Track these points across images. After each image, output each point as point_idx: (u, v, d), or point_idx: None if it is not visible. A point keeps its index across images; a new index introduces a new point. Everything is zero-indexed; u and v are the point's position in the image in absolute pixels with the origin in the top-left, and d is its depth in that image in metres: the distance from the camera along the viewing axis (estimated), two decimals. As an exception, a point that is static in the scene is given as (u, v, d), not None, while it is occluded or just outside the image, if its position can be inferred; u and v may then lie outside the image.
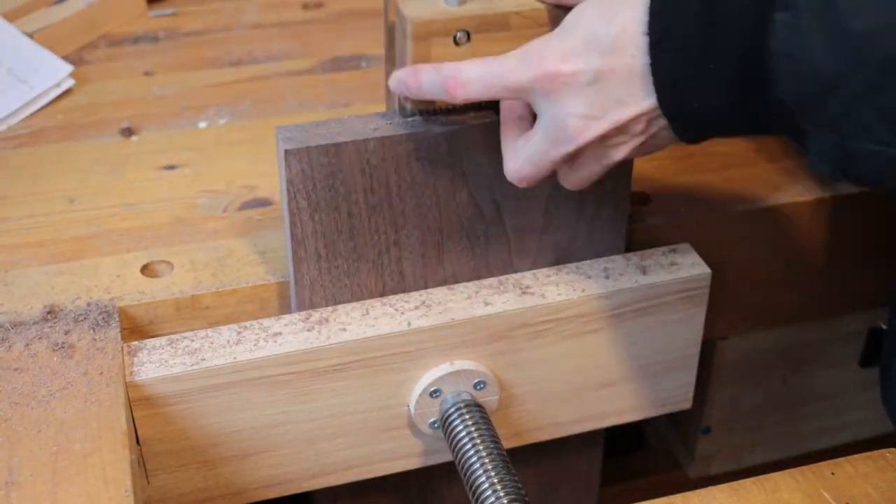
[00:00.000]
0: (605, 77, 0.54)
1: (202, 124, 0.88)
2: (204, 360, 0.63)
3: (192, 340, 0.65)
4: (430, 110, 0.64)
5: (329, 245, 0.65)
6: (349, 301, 0.68)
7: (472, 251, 0.69)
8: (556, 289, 0.69)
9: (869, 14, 0.47)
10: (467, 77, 0.57)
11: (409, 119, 0.63)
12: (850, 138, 0.50)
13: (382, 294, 0.68)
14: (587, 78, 0.54)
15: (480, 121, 0.64)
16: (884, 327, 0.89)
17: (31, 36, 0.95)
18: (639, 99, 0.54)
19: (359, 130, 0.62)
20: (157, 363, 0.63)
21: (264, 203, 0.77)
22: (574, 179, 0.61)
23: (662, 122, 0.55)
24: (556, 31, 0.56)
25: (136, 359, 0.63)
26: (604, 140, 0.56)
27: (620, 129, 0.56)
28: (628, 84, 0.54)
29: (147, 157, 0.83)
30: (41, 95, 0.90)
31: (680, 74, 0.53)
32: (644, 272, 0.71)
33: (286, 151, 0.61)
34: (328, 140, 0.62)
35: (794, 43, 0.49)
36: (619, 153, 0.57)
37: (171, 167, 0.82)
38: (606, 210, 0.70)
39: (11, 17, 0.97)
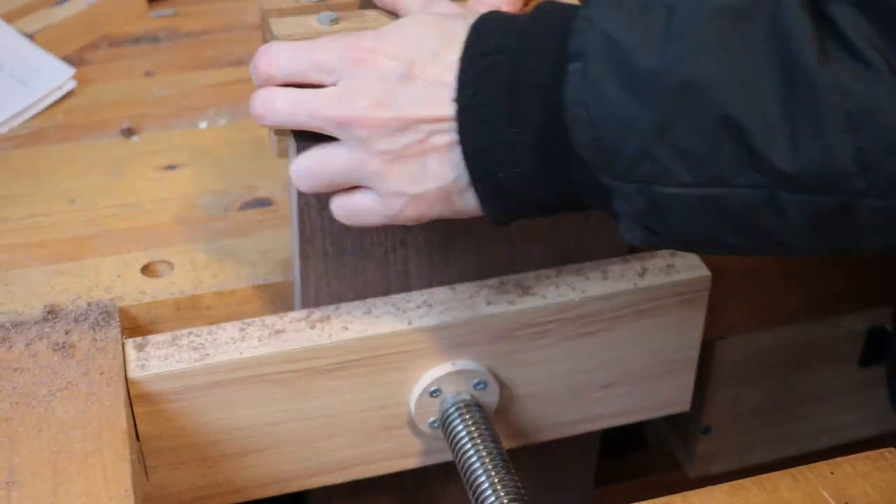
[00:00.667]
0: (412, 74, 0.54)
1: (203, 124, 0.88)
2: (207, 356, 0.63)
3: (196, 337, 0.65)
4: None
5: (336, 242, 0.65)
6: (353, 300, 0.68)
7: (478, 253, 0.69)
8: (556, 290, 0.69)
9: (653, 54, 0.48)
10: (276, 51, 0.57)
11: None
12: (650, 184, 0.50)
13: (387, 293, 0.69)
14: (396, 71, 0.54)
15: None
16: (888, 328, 0.89)
17: (31, 36, 0.95)
18: (435, 107, 0.54)
19: None
20: (159, 359, 0.63)
21: (265, 203, 0.78)
22: (341, 201, 0.59)
23: (441, 139, 0.54)
24: (389, 25, 0.56)
25: (138, 354, 0.63)
26: (377, 129, 0.55)
27: (402, 127, 0.54)
28: (432, 89, 0.54)
29: (147, 157, 0.84)
30: (43, 98, 0.90)
31: (487, 140, 0.53)
32: (644, 274, 0.71)
33: (297, 147, 0.61)
34: None
35: (587, 89, 0.50)
36: (378, 161, 0.55)
37: (171, 167, 0.82)
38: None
39: (12, 17, 0.97)
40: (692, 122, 0.48)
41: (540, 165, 0.53)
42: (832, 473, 0.60)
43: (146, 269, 0.70)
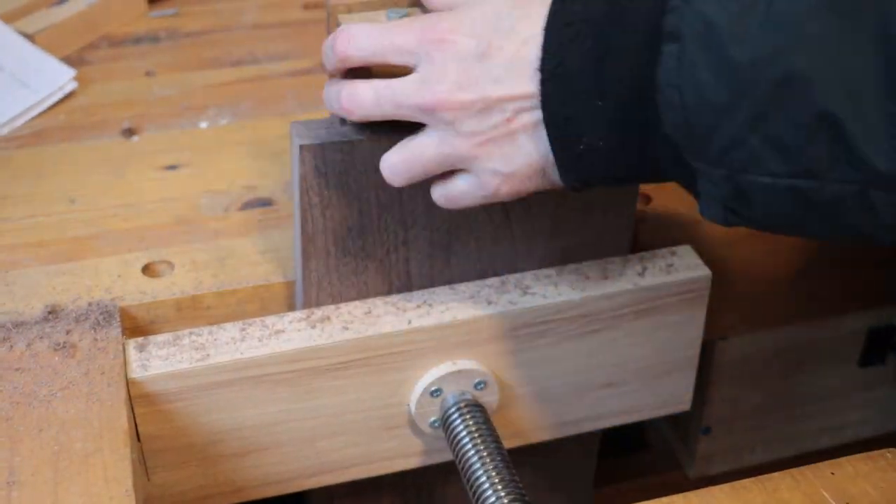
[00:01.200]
0: (490, 52, 0.54)
1: (203, 124, 0.88)
2: (208, 356, 0.63)
3: (196, 337, 0.65)
4: None
5: (339, 242, 0.65)
6: (355, 299, 0.68)
7: (480, 253, 0.69)
8: (556, 289, 0.69)
9: (752, 43, 0.47)
10: (356, 32, 0.57)
11: None
12: (740, 172, 0.49)
13: (389, 293, 0.69)
14: (475, 50, 0.54)
15: None
16: None
17: (31, 36, 0.95)
18: (517, 84, 0.53)
19: (374, 129, 0.62)
20: (160, 359, 0.63)
21: (265, 203, 0.78)
22: (441, 189, 0.60)
23: (528, 117, 0.54)
24: (464, 5, 0.56)
25: (138, 355, 0.63)
26: (463, 112, 0.54)
27: (486, 107, 0.54)
28: (512, 66, 0.53)
29: (148, 157, 0.84)
30: (44, 100, 0.90)
31: (570, 111, 0.52)
32: (644, 274, 0.71)
33: (301, 147, 0.61)
34: (343, 137, 0.62)
35: (681, 73, 0.49)
36: (468, 143, 0.55)
37: (171, 167, 0.82)
38: (613, 217, 0.71)
39: (12, 17, 0.97)
40: (789, 114, 0.47)
41: (624, 139, 0.53)
42: (833, 474, 0.60)
43: (147, 269, 0.70)
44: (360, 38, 0.57)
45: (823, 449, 0.97)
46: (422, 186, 0.65)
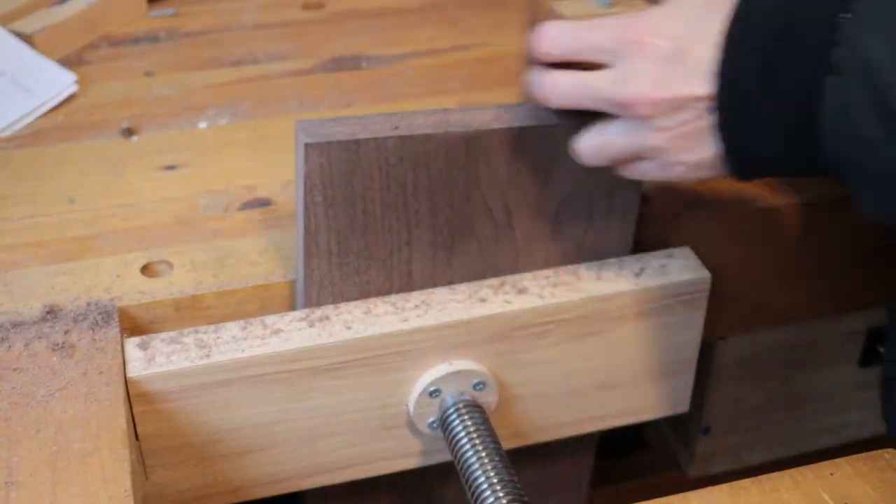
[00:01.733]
0: (683, 54, 0.57)
1: (202, 124, 0.88)
2: (206, 356, 0.63)
3: (195, 337, 0.65)
4: None
5: (342, 242, 0.65)
6: (356, 299, 0.68)
7: (481, 255, 0.69)
8: (555, 290, 0.69)
9: None
10: (557, 32, 0.61)
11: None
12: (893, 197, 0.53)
13: (390, 293, 0.69)
14: (669, 51, 0.57)
15: (500, 125, 0.64)
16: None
17: (31, 36, 0.95)
18: (704, 84, 0.56)
19: (379, 128, 0.62)
20: (158, 358, 0.63)
21: (265, 203, 0.78)
22: (628, 172, 0.64)
23: (710, 119, 0.57)
24: (661, 6, 0.59)
25: (137, 354, 0.63)
26: (656, 109, 0.58)
27: (677, 105, 0.57)
28: (700, 69, 0.57)
29: (147, 157, 0.84)
30: (45, 103, 0.90)
31: (743, 120, 0.56)
32: (643, 275, 0.71)
33: (306, 145, 0.61)
34: (349, 136, 0.62)
35: (841, 105, 0.52)
36: (659, 137, 0.59)
37: (171, 167, 0.82)
38: (615, 220, 0.71)
39: (12, 17, 0.97)
40: None
41: (790, 149, 0.56)
42: (832, 474, 0.60)
43: (146, 269, 0.70)
44: (561, 38, 0.61)
45: (823, 449, 0.97)
46: (426, 188, 0.65)
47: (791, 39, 0.54)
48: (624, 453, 1.09)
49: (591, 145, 0.63)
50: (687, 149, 0.59)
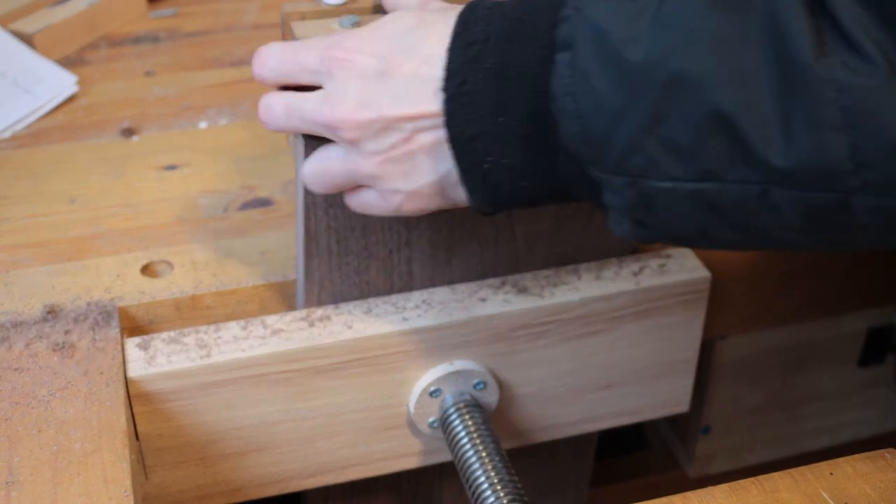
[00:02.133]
0: (390, 71, 0.53)
1: (203, 124, 0.88)
2: (207, 356, 0.63)
3: (195, 337, 0.65)
4: None
5: (341, 241, 0.65)
6: (356, 299, 0.68)
7: (481, 255, 0.69)
8: (555, 290, 0.69)
9: (644, 44, 0.47)
10: (266, 53, 0.57)
11: None
12: (640, 178, 0.49)
13: (390, 293, 0.69)
14: (375, 69, 0.54)
15: None
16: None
17: (31, 36, 0.95)
18: (417, 103, 0.53)
19: None
20: (158, 358, 0.63)
21: (264, 203, 0.78)
22: (350, 198, 0.60)
23: (428, 137, 0.54)
24: (371, 24, 0.56)
25: (137, 354, 0.63)
26: (363, 131, 0.54)
27: (385, 126, 0.54)
28: (412, 85, 0.53)
29: (148, 157, 0.84)
30: (45, 104, 0.90)
31: (474, 129, 0.52)
32: (643, 275, 0.71)
33: (307, 144, 0.61)
34: None
35: (574, 81, 0.49)
36: (370, 163, 0.55)
37: (171, 167, 0.82)
38: None
39: (12, 17, 0.97)
40: (682, 115, 0.47)
41: (527, 156, 0.52)
42: (832, 474, 0.60)
43: (146, 269, 0.70)
44: (271, 59, 0.58)
45: (823, 449, 0.97)
46: None
47: (516, 35, 0.51)
48: (624, 453, 1.09)
49: (311, 171, 0.59)
50: (402, 174, 0.55)
